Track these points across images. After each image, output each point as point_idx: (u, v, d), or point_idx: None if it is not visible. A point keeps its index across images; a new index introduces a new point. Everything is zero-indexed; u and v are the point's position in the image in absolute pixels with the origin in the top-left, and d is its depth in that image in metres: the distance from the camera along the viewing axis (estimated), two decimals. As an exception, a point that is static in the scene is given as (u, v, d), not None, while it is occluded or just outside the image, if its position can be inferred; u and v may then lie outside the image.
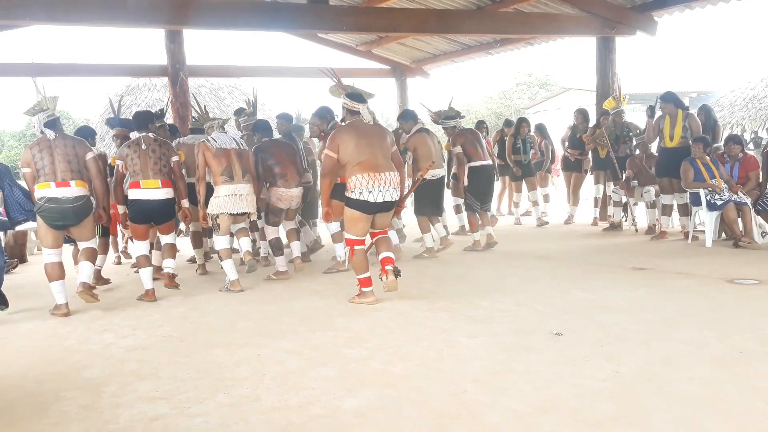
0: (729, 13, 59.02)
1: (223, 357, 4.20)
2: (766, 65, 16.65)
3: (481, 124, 10.19)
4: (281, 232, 6.94)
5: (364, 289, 5.36)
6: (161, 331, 4.92)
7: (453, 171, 8.64)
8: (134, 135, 6.21)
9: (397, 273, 5.29)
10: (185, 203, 6.20)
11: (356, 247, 5.37)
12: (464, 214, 8.40)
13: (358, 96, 5.45)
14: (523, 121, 10.27)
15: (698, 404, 3.10)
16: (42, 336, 4.96)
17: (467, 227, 8.50)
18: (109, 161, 6.73)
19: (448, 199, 8.70)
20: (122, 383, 3.80)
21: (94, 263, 5.92)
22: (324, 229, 7.32)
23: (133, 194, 5.87)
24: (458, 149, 7.44)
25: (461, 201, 8.65)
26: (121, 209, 6.16)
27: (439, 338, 4.35)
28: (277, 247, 6.72)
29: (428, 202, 7.50)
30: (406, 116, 7.78)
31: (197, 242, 7.31)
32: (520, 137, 10.07)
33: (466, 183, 7.52)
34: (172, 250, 6.27)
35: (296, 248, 6.89)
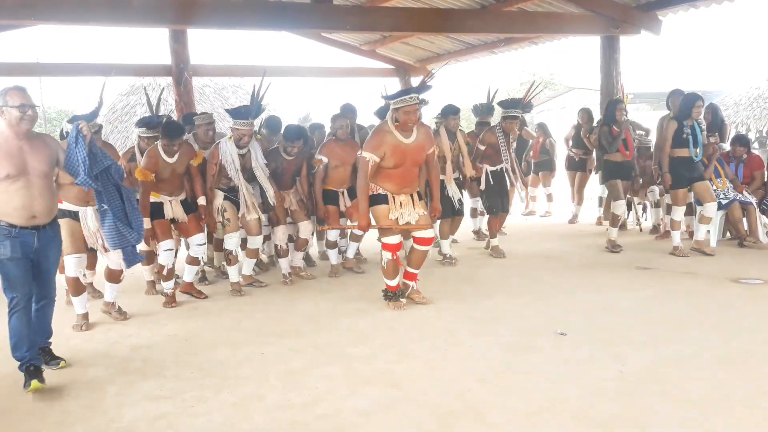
0: (734, 12, 58.81)
1: (228, 356, 4.20)
2: (771, 64, 16.60)
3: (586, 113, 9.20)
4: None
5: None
6: (166, 330, 4.92)
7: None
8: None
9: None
10: None
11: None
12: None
13: None
14: (696, 99, 6.63)
15: (704, 405, 3.09)
16: (47, 335, 4.96)
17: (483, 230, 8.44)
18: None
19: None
20: (126, 382, 3.80)
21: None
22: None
23: None
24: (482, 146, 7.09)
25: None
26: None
27: (444, 338, 4.34)
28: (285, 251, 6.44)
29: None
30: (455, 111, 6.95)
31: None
32: (688, 123, 6.68)
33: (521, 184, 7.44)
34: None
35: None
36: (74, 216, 5.03)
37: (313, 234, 7.00)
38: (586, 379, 3.49)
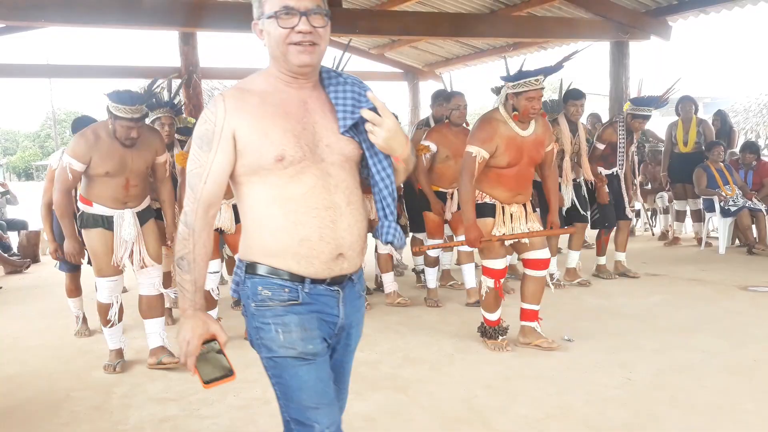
0: (744, 19, 58.57)
1: (234, 359, 4.17)
2: (781, 71, 16.55)
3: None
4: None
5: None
6: (172, 332, 4.92)
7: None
8: None
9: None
10: None
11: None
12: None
13: None
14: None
15: (711, 413, 3.07)
16: (54, 336, 4.99)
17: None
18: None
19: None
20: (133, 384, 3.81)
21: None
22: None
23: None
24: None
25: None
26: None
27: (450, 343, 4.33)
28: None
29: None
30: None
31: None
32: None
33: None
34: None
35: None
36: (109, 223, 3.97)
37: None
38: (594, 385, 3.47)
